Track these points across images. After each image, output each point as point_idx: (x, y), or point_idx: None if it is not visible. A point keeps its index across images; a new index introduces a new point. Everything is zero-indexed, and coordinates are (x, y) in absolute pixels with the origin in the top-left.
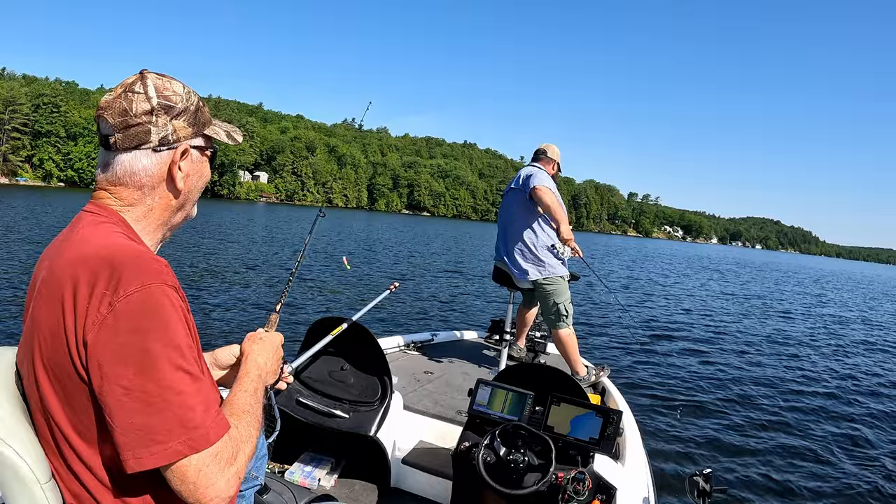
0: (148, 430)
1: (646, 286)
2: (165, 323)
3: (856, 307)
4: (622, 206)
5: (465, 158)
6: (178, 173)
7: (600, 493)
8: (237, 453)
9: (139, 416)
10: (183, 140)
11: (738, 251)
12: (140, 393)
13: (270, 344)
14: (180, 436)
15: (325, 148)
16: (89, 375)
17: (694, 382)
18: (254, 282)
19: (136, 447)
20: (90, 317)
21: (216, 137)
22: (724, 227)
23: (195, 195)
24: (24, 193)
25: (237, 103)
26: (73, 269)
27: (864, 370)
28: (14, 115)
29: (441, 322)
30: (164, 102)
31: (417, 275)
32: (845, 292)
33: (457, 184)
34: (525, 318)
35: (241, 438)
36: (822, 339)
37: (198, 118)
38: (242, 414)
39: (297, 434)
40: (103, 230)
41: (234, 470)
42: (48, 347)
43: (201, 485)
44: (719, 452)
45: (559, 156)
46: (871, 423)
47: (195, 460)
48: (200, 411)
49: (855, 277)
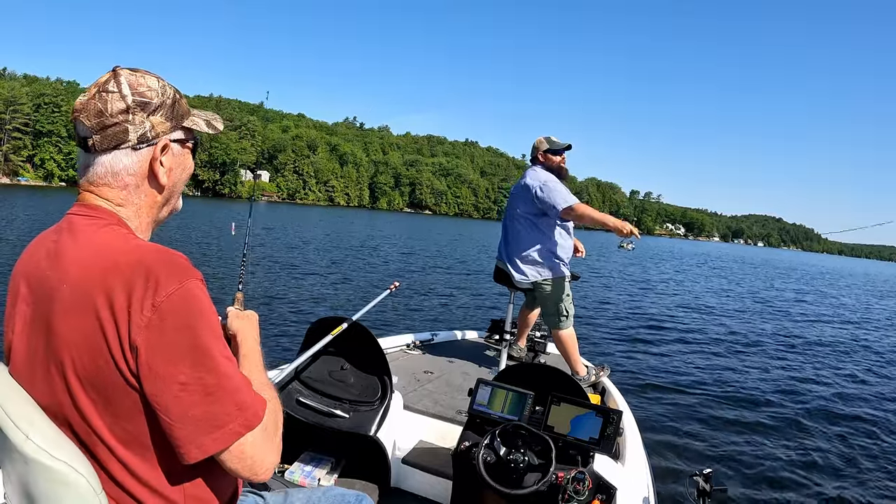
0: (209, 418)
1: (646, 285)
2: (207, 315)
3: (861, 307)
4: (624, 204)
5: (466, 157)
6: (161, 169)
7: (600, 493)
8: (278, 423)
9: (199, 406)
10: (162, 135)
11: (740, 248)
12: (198, 386)
13: (254, 320)
14: (237, 417)
15: (326, 146)
16: (140, 379)
17: (695, 382)
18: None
19: (197, 436)
20: (134, 321)
21: (196, 128)
22: (726, 225)
23: (180, 188)
24: (25, 193)
25: (238, 102)
26: (104, 278)
27: (866, 370)
28: (15, 114)
29: (441, 322)
30: (140, 99)
31: (418, 274)
32: (855, 290)
33: (458, 182)
34: (527, 318)
35: (276, 409)
36: (826, 339)
37: (175, 111)
38: (266, 387)
39: (296, 434)
40: (114, 234)
41: (278, 439)
42: (85, 360)
43: (258, 458)
44: (719, 452)
45: (543, 143)
46: (873, 423)
47: (250, 437)
48: (247, 391)
49: (865, 277)
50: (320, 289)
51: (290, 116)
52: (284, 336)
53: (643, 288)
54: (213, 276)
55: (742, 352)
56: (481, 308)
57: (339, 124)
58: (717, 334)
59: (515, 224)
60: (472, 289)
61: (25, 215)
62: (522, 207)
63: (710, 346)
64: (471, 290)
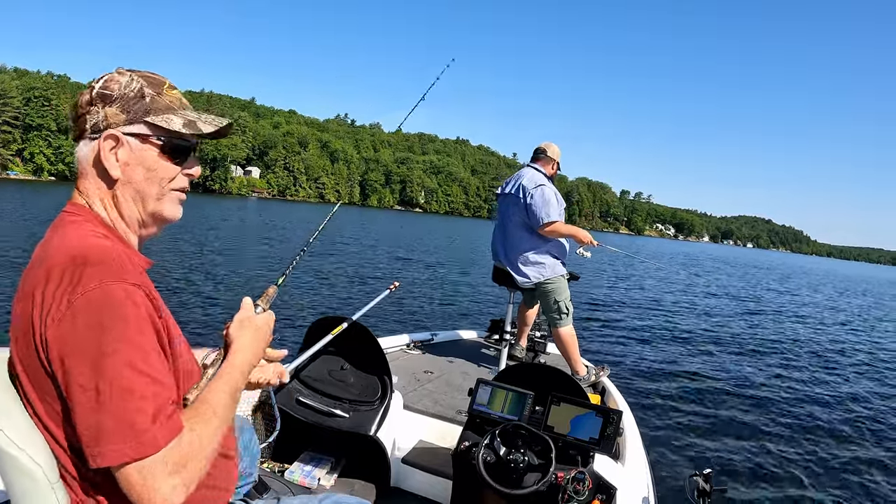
0: (100, 429)
1: (646, 284)
2: (125, 321)
3: (861, 311)
4: (614, 204)
5: (457, 155)
6: (110, 160)
7: (600, 493)
8: (188, 460)
9: (93, 414)
10: (114, 126)
11: (729, 249)
12: (93, 392)
13: (262, 331)
14: (128, 439)
15: (317, 143)
16: (53, 370)
17: (695, 382)
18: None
19: (92, 445)
20: (51, 314)
21: (166, 126)
22: (715, 226)
23: (148, 188)
24: (14, 187)
25: (230, 98)
26: (45, 270)
27: (869, 369)
28: (5, 108)
29: (441, 322)
30: (102, 92)
31: (417, 274)
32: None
33: (449, 180)
34: (526, 317)
35: (199, 444)
36: (827, 340)
37: (136, 105)
38: (211, 417)
39: (296, 433)
40: (78, 230)
41: (182, 478)
42: (22, 345)
43: (145, 490)
44: (719, 452)
45: (559, 155)
46: (873, 423)
47: (140, 465)
48: (151, 414)
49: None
50: (319, 288)
51: (281, 112)
52: (284, 336)
53: (643, 288)
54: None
55: (742, 352)
56: (481, 308)
57: (330, 121)
58: (717, 335)
59: (513, 226)
60: (471, 289)
61: (12, 208)
62: (517, 211)
63: (710, 346)
64: (470, 291)
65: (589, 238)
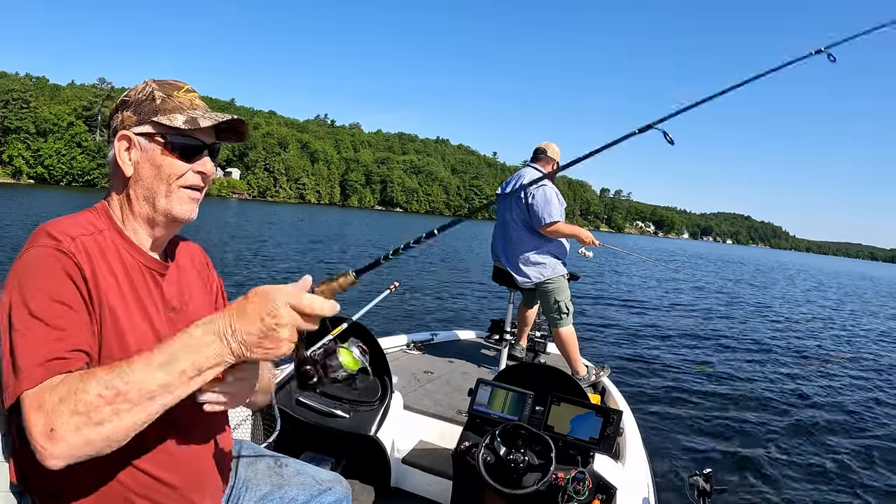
0: (7, 372)
1: (646, 286)
2: (43, 276)
3: (856, 308)
4: (594, 202)
5: (437, 154)
6: (123, 159)
7: (600, 493)
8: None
9: (5, 356)
10: (127, 128)
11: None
12: (5, 337)
13: (262, 304)
14: (18, 374)
15: (297, 144)
16: None
17: (695, 383)
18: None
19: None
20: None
21: (168, 123)
22: (695, 223)
23: (156, 186)
24: None
25: (209, 99)
26: None
27: (870, 369)
28: None
29: (441, 322)
30: (123, 98)
31: (417, 274)
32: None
33: (430, 180)
34: (526, 317)
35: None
36: (827, 341)
37: (145, 107)
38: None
39: (297, 434)
40: (73, 216)
41: (46, 416)
42: None
43: (27, 424)
44: (720, 452)
45: (559, 154)
46: (873, 423)
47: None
48: (33, 355)
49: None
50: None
51: (260, 113)
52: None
53: (643, 289)
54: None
55: (742, 352)
56: (481, 308)
57: (310, 122)
58: (717, 335)
59: (513, 226)
60: (471, 289)
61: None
62: (518, 211)
63: (710, 346)
64: (470, 291)
65: (591, 238)
